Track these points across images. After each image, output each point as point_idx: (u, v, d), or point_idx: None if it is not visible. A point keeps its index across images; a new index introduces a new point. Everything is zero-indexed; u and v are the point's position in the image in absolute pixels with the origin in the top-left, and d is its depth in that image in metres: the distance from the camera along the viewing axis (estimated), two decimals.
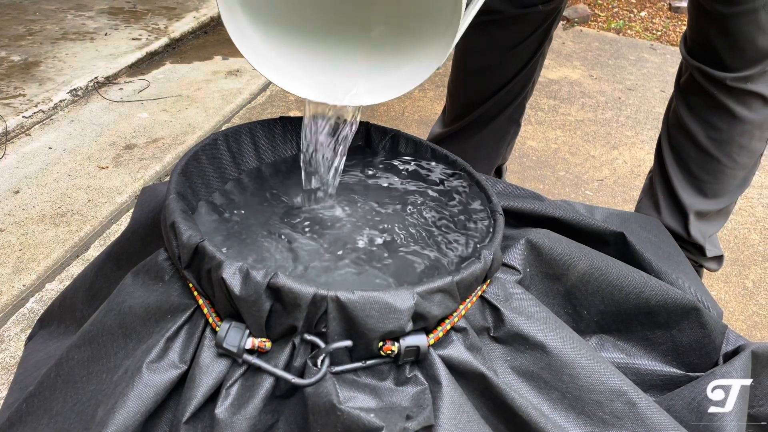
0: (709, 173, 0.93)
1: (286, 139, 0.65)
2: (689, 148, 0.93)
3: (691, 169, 0.94)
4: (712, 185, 0.94)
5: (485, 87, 1.04)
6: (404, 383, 0.45)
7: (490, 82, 1.03)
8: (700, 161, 0.93)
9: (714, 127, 0.90)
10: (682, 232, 0.97)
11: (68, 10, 2.08)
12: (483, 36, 0.99)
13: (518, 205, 0.65)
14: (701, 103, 0.90)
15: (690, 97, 0.91)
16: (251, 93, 1.72)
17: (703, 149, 0.91)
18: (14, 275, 0.97)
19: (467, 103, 1.07)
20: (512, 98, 1.05)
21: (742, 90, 0.85)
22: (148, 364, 0.45)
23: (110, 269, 0.65)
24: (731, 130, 0.89)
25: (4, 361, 0.86)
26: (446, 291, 0.45)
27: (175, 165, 0.55)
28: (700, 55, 0.88)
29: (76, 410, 0.48)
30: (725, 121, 0.88)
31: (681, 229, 0.97)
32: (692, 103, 0.91)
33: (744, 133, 0.89)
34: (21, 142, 1.35)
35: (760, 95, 0.86)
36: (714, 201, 0.95)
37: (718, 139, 0.90)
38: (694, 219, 0.95)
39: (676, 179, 0.95)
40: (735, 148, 0.90)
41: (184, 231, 0.46)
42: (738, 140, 0.89)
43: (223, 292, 0.44)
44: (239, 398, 0.43)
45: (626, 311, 0.62)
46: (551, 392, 0.50)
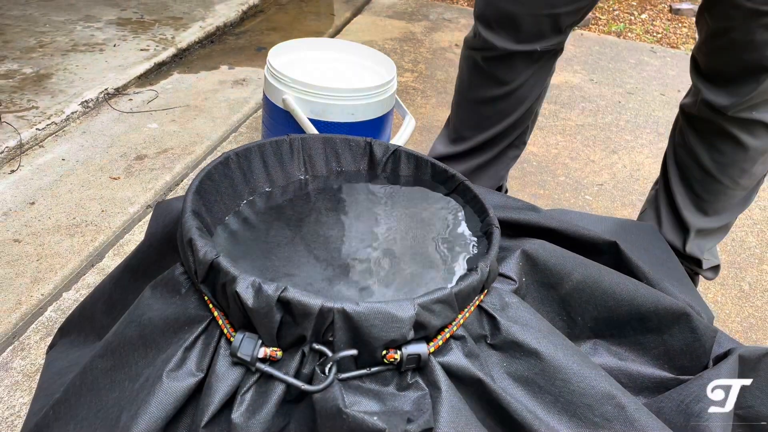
0: (710, 193, 0.95)
1: (294, 157, 0.68)
2: (693, 169, 0.96)
3: (694, 188, 0.96)
4: (713, 204, 0.96)
5: (488, 117, 1.05)
6: (406, 389, 0.48)
7: (493, 115, 1.04)
8: (703, 182, 0.95)
9: (719, 151, 0.92)
10: (679, 247, 0.99)
11: (77, 22, 2.13)
12: (484, 71, 1.00)
13: (515, 216, 0.68)
14: (707, 129, 0.92)
15: (696, 121, 0.94)
16: (257, 102, 1.75)
17: (706, 171, 0.94)
18: (32, 285, 1.01)
19: (471, 128, 1.08)
20: (515, 131, 1.07)
21: (747, 119, 0.88)
22: (167, 372, 0.48)
23: (127, 281, 0.69)
24: (735, 155, 0.91)
25: (25, 368, 0.89)
26: (445, 302, 0.49)
27: (190, 184, 0.58)
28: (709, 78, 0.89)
29: (101, 416, 0.52)
30: (730, 147, 0.91)
31: (679, 244, 0.99)
32: (698, 126, 0.94)
33: (747, 159, 0.91)
34: (35, 153, 1.39)
35: (764, 123, 0.88)
36: (715, 219, 0.98)
37: (722, 162, 0.92)
38: (694, 236, 0.98)
39: (679, 197, 0.98)
40: (737, 171, 0.92)
41: (200, 247, 0.50)
42: (741, 165, 0.92)
43: (237, 305, 0.47)
44: (253, 404, 0.47)
45: (619, 317, 0.65)
46: (545, 396, 0.53)
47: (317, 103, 1.05)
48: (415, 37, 2.44)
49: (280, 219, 0.62)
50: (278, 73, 1.06)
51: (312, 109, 1.06)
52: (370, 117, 1.09)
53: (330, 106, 1.05)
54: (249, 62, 2.04)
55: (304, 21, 2.51)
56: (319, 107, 1.05)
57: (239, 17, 2.39)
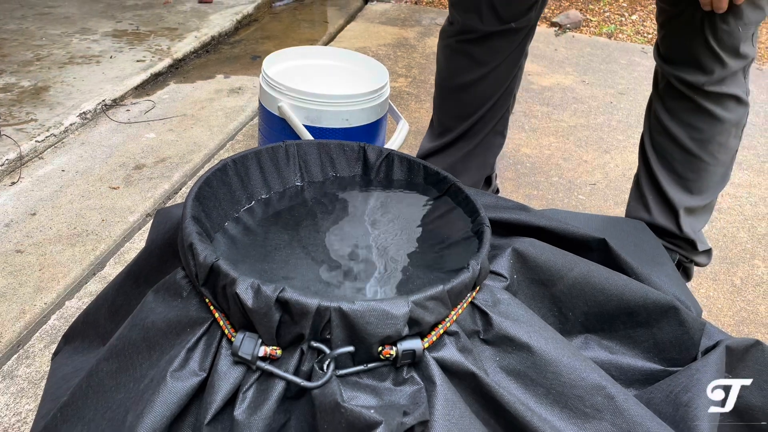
0: (693, 171, 0.99)
1: (289, 162, 0.70)
2: (673, 150, 0.99)
3: (677, 169, 1.00)
4: (696, 182, 1.00)
5: (469, 103, 1.10)
6: (402, 383, 0.50)
7: (474, 99, 1.09)
8: (684, 161, 0.99)
9: (695, 128, 0.96)
10: (674, 229, 1.02)
11: (73, 34, 2.15)
12: (463, 55, 1.06)
13: (505, 216, 0.70)
14: (682, 107, 0.96)
15: (670, 102, 0.98)
16: (253, 110, 1.77)
17: (686, 150, 0.98)
18: (36, 294, 1.03)
19: (453, 117, 1.13)
20: (496, 114, 1.12)
21: (718, 93, 0.92)
22: (171, 372, 0.50)
23: (130, 287, 0.70)
24: (711, 130, 0.95)
25: (30, 375, 0.91)
26: (438, 299, 0.50)
27: (189, 191, 0.60)
28: (676, 62, 0.94)
29: (107, 417, 0.53)
30: (705, 122, 0.95)
31: (673, 225, 1.02)
32: (673, 107, 0.97)
33: (723, 132, 0.95)
34: (35, 165, 1.41)
35: (734, 96, 0.92)
36: (699, 197, 1.01)
37: (700, 139, 0.96)
38: (684, 215, 1.01)
39: (663, 179, 1.01)
40: (715, 146, 0.96)
41: (200, 252, 0.52)
42: (717, 139, 0.96)
43: (237, 306, 0.49)
44: (255, 401, 0.48)
45: (608, 312, 0.67)
46: (537, 389, 0.55)
47: (312, 109, 1.07)
48: (409, 42, 2.47)
49: (277, 223, 0.64)
50: (273, 82, 1.08)
51: (307, 116, 1.08)
52: (364, 122, 1.11)
53: (324, 112, 1.07)
54: (244, 71, 2.07)
55: (298, 29, 2.54)
56: (313, 114, 1.08)
57: (234, 26, 2.42)
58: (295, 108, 1.07)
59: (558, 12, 2.99)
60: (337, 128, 1.09)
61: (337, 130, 1.09)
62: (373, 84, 1.15)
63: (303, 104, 1.07)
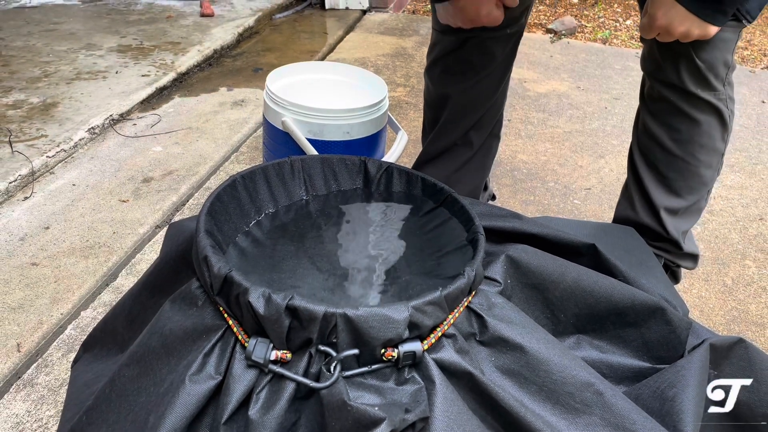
0: (675, 171, 1.03)
1: (295, 177, 0.74)
2: (656, 150, 1.04)
3: (660, 169, 1.04)
4: (679, 182, 1.04)
5: (467, 109, 1.14)
6: (403, 383, 0.54)
7: (471, 104, 1.13)
8: (666, 161, 1.03)
9: (676, 130, 1.01)
10: (658, 229, 1.06)
11: (79, 50, 2.20)
12: (459, 60, 1.10)
13: (499, 224, 0.74)
14: (662, 109, 1.01)
15: (652, 104, 1.03)
16: (256, 122, 1.82)
17: (667, 150, 1.02)
18: (52, 305, 1.07)
19: (449, 122, 1.17)
20: (492, 117, 1.16)
21: (694, 95, 0.97)
22: (189, 376, 0.54)
23: (146, 297, 0.74)
24: (690, 131, 1.00)
25: (50, 383, 0.95)
26: (436, 303, 0.54)
27: (202, 206, 0.64)
28: (658, 66, 0.98)
29: (130, 419, 0.57)
30: (685, 124, 1.00)
31: (657, 225, 1.06)
32: (655, 109, 1.02)
33: (702, 133, 1.00)
34: (46, 180, 1.45)
35: (705, 100, 0.97)
36: (683, 198, 1.05)
37: (680, 140, 1.01)
38: (666, 215, 1.05)
39: (647, 179, 1.06)
40: (696, 147, 1.01)
41: (214, 263, 0.56)
42: (698, 140, 1.00)
43: (250, 313, 0.53)
44: (267, 401, 0.52)
45: (599, 313, 0.71)
46: (530, 386, 0.59)
47: (314, 123, 1.11)
48: (407, 52, 2.51)
49: (284, 235, 0.68)
50: (277, 97, 1.13)
51: (309, 129, 1.12)
52: (365, 135, 1.15)
53: (326, 126, 1.11)
54: (247, 83, 2.11)
55: (298, 40, 2.59)
56: (316, 127, 1.12)
57: (235, 39, 2.47)
58: (298, 122, 1.12)
59: (553, 19, 3.04)
60: (338, 141, 1.13)
61: (338, 143, 1.13)
62: (372, 98, 1.19)
63: (306, 118, 1.11)
